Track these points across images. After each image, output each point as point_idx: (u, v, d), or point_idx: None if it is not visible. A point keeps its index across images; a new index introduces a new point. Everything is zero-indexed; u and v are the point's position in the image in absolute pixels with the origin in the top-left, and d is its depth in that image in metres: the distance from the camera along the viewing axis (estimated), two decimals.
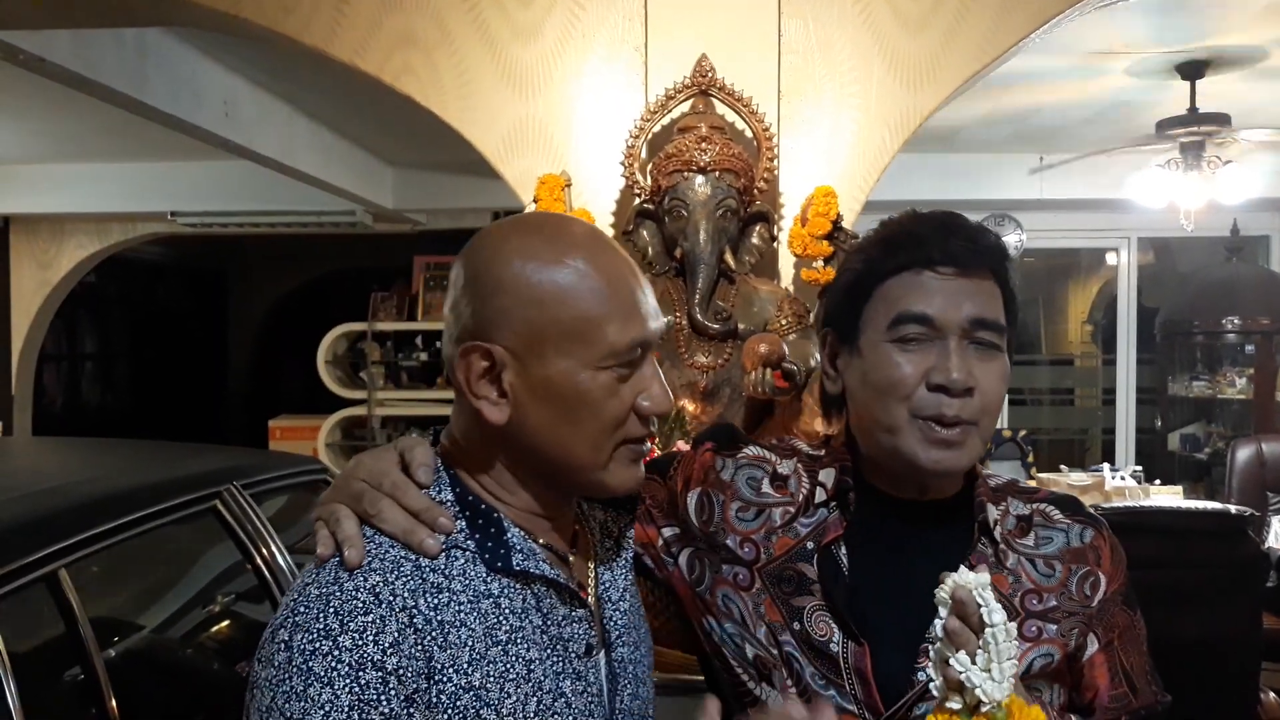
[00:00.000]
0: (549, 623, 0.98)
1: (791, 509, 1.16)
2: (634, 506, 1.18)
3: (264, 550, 2.31)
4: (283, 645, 0.88)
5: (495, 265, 0.96)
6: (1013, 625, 0.92)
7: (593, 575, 1.07)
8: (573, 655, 0.99)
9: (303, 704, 0.85)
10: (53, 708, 1.77)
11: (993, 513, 1.14)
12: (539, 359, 0.94)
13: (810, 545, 1.13)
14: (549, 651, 0.97)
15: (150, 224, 6.83)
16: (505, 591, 0.96)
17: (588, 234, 1.00)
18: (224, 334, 10.56)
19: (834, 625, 1.09)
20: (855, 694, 1.08)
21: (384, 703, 0.86)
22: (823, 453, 1.21)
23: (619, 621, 1.06)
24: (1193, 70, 4.37)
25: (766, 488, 1.19)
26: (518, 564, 0.96)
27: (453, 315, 0.98)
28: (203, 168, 6.07)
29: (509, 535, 0.97)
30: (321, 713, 0.85)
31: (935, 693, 0.95)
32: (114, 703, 1.76)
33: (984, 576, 0.93)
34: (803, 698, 1.09)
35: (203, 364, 10.27)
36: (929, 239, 1.10)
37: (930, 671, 0.95)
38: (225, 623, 2.46)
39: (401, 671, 0.88)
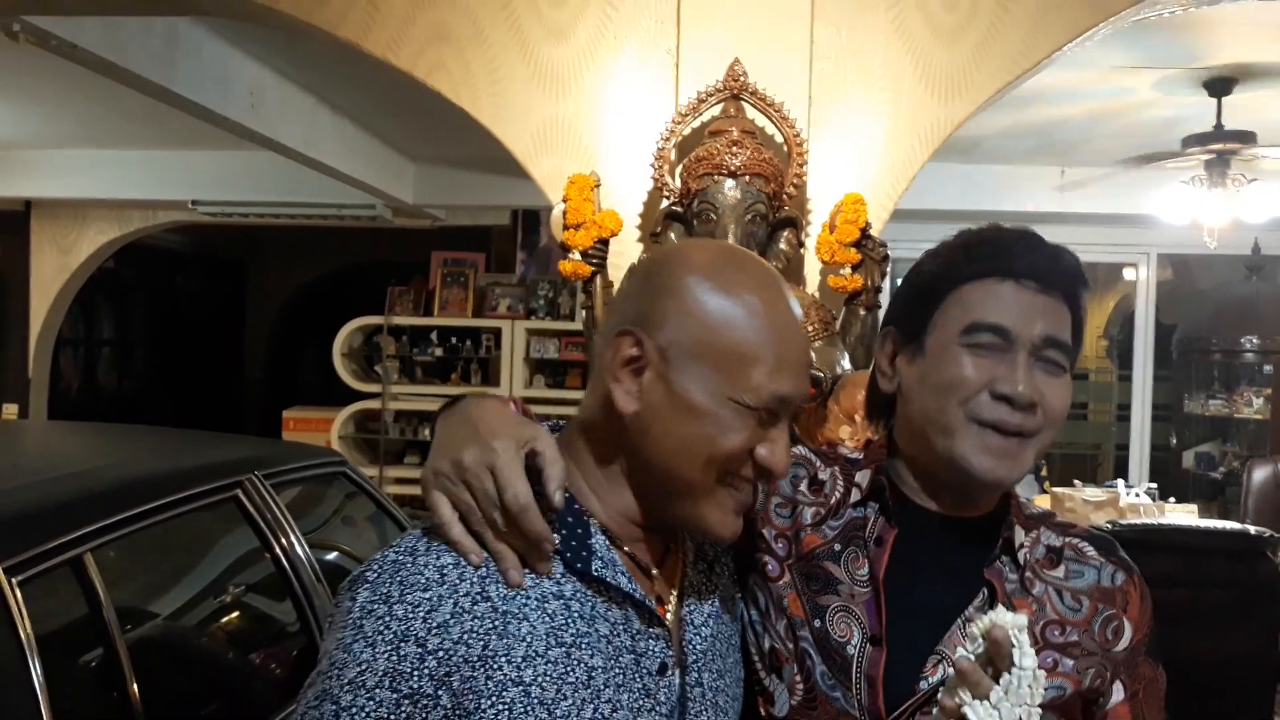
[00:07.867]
0: (620, 633, 0.98)
1: (822, 511, 1.18)
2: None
3: (283, 540, 2.32)
4: (351, 596, 0.94)
5: (674, 270, 1.01)
6: (1042, 674, 0.93)
7: (676, 595, 1.07)
8: (644, 671, 0.99)
9: (345, 655, 0.91)
10: (76, 689, 1.78)
11: (1020, 535, 1.14)
12: (683, 369, 0.97)
13: (838, 547, 1.15)
14: (615, 661, 0.97)
15: (171, 212, 6.86)
16: (577, 595, 0.97)
17: (768, 276, 1.03)
18: (241, 324, 10.59)
19: (854, 627, 1.11)
20: (860, 698, 1.09)
21: (415, 678, 0.90)
22: (861, 457, 1.22)
23: (698, 646, 1.06)
24: (1220, 87, 4.34)
25: (804, 488, 1.21)
26: (596, 570, 0.98)
27: (620, 302, 1.04)
28: (224, 157, 6.10)
29: (593, 540, 0.99)
30: (357, 668, 0.90)
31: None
32: (135, 685, 1.77)
33: (1021, 618, 0.94)
34: (809, 696, 1.11)
35: (219, 353, 10.30)
36: (1014, 250, 1.12)
37: (940, 694, 0.96)
38: (245, 611, 2.47)
39: (443, 653, 0.91)
